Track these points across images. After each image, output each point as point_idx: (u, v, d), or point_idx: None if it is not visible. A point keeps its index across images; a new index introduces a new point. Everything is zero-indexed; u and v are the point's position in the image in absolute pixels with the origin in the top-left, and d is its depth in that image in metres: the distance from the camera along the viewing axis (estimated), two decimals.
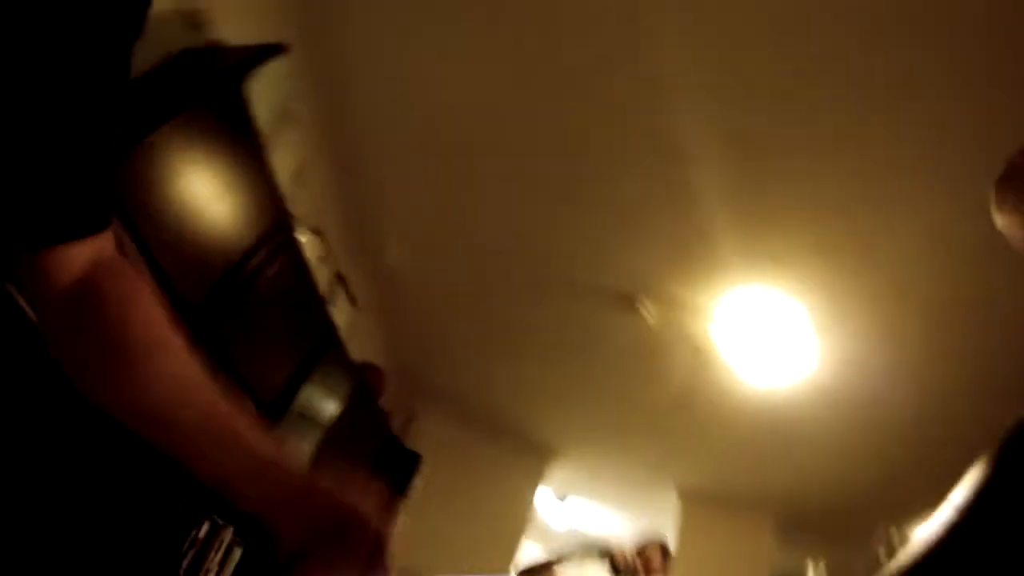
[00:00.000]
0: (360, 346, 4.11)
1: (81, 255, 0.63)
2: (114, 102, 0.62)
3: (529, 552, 4.89)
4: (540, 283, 3.34)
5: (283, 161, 2.75)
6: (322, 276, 3.38)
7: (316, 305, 2.89)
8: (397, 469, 4.51)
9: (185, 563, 2.18)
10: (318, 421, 3.34)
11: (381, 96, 2.80)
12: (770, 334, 2.96)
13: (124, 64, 0.62)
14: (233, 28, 2.23)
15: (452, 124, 2.75)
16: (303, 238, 2.78)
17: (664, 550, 2.98)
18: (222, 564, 2.30)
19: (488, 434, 5.14)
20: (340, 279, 3.59)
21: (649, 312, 3.10)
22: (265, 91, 2.26)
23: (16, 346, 1.30)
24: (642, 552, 2.90)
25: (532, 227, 3.04)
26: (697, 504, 4.94)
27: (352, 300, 3.73)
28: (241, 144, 2.18)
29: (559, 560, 3.22)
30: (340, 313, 3.66)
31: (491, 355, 4.30)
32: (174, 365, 0.65)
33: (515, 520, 4.99)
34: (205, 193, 2.08)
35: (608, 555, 2.92)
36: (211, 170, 2.08)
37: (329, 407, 3.35)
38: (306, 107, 2.82)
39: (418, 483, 4.55)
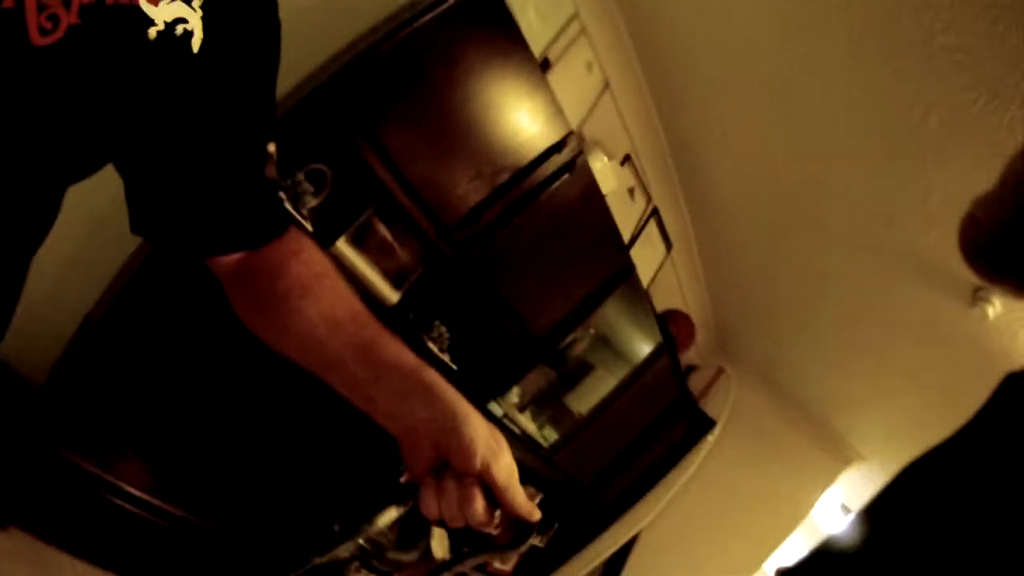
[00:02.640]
0: (673, 290, 3.85)
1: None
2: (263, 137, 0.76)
3: (795, 545, 4.25)
4: (882, 261, 2.71)
5: (579, 81, 2.55)
6: (632, 210, 3.15)
7: (609, 237, 2.64)
8: (687, 429, 4.23)
9: None
10: (602, 365, 3.18)
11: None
12: None
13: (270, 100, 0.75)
14: None
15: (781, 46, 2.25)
16: (598, 163, 2.56)
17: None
18: None
19: (792, 414, 4.51)
20: (655, 215, 3.32)
21: (993, 305, 2.35)
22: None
23: None
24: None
25: (876, 189, 2.43)
26: None
27: (666, 239, 3.43)
28: (513, 55, 2.02)
29: None
30: (652, 253, 3.41)
31: (814, 331, 3.68)
32: (323, 302, 0.74)
33: (792, 512, 4.37)
34: (472, 107, 1.97)
35: None
36: (478, 83, 1.96)
37: (616, 352, 3.15)
38: (599, 21, 2.56)
39: (703, 447, 4.24)
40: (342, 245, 1.96)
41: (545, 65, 2.33)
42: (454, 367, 2.39)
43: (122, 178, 0.71)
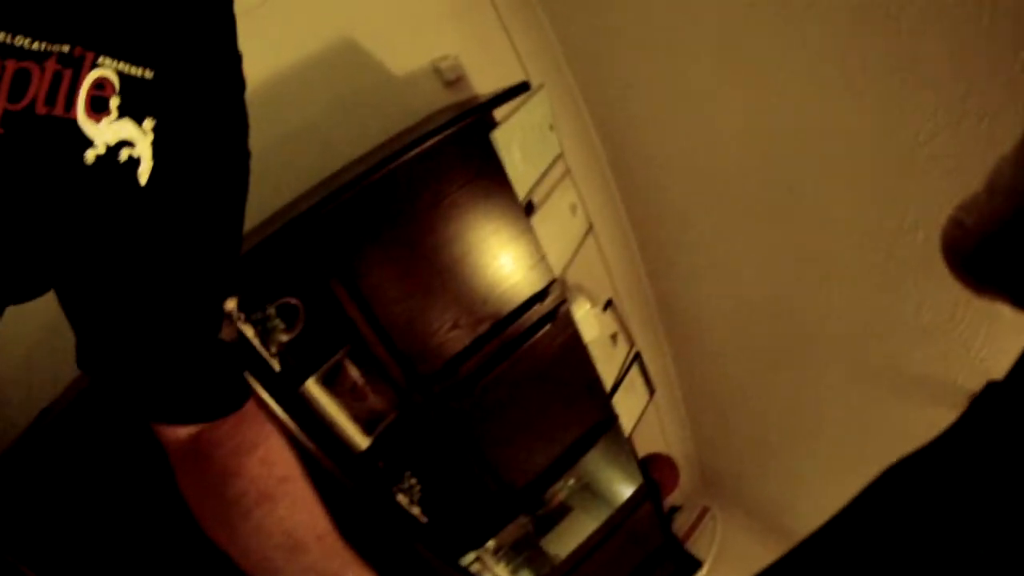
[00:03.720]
0: (655, 432, 3.75)
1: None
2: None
3: None
4: (873, 381, 2.63)
5: (563, 224, 2.53)
6: (614, 356, 3.08)
7: (592, 387, 2.55)
8: (671, 572, 4.01)
9: None
10: (582, 510, 3.04)
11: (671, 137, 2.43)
12: None
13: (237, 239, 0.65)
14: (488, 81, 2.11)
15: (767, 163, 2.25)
16: (581, 310, 2.50)
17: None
18: None
19: (785, 546, 4.33)
20: (638, 360, 3.24)
21: None
22: (527, 145, 2.06)
23: None
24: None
25: (860, 311, 2.39)
26: None
27: (649, 384, 3.35)
28: (498, 198, 1.99)
29: None
30: (635, 399, 3.31)
31: (804, 459, 3.53)
32: (284, 515, 0.64)
33: None
34: (453, 250, 1.92)
35: None
36: (461, 226, 1.92)
37: (597, 499, 3.01)
38: (585, 162, 2.58)
39: None
40: (311, 385, 1.87)
41: (529, 208, 2.31)
42: (424, 520, 2.24)
43: (63, 310, 0.60)
